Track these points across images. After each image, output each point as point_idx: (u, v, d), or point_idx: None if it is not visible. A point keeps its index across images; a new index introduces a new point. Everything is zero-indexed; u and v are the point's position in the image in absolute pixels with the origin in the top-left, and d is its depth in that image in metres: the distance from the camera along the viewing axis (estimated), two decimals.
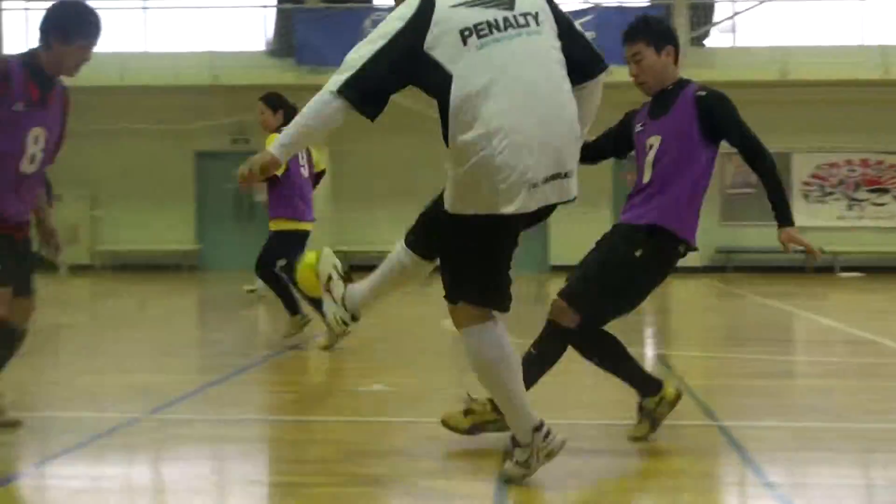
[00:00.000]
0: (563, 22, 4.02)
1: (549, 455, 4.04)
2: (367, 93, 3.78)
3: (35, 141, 4.76)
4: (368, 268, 4.66)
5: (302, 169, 9.02)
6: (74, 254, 22.96)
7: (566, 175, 3.88)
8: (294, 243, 8.95)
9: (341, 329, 4.58)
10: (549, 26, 3.95)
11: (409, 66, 3.78)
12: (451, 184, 3.85)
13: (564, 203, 3.96)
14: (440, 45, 3.76)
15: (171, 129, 22.65)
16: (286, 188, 8.94)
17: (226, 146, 23.15)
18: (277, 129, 8.51)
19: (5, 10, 23.00)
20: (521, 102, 3.77)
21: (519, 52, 3.83)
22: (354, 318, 4.51)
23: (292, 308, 8.66)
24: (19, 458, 4.79)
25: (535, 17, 3.92)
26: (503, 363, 3.98)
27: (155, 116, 22.50)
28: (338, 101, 3.75)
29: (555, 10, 4.02)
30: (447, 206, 3.89)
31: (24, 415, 5.36)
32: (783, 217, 4.70)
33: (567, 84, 3.94)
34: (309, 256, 4.72)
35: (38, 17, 4.85)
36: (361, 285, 4.49)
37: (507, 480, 4.07)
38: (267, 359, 8.19)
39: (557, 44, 3.95)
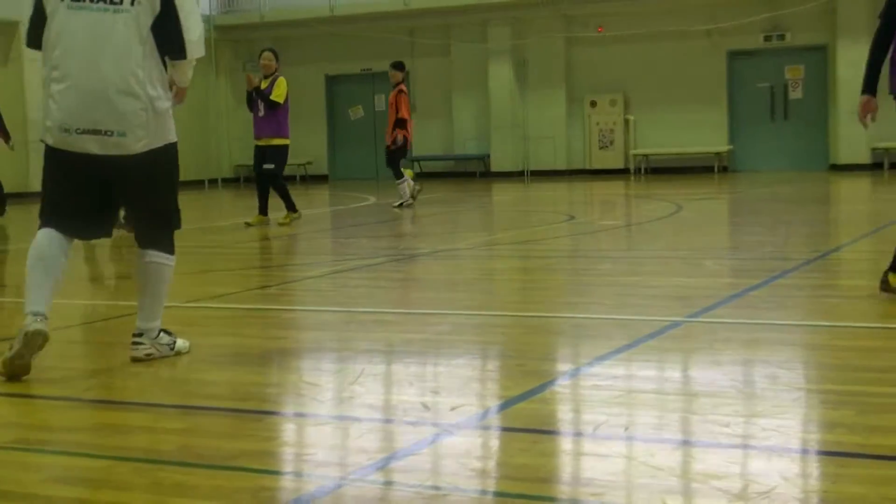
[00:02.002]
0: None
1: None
2: None
3: None
4: None
5: None
6: (609, 158, 23.64)
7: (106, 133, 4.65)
8: None
9: None
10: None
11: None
12: None
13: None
14: None
15: (703, 30, 22.35)
16: None
17: (759, 44, 22.45)
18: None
19: None
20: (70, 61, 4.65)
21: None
22: None
23: None
24: (572, 359, 4.95)
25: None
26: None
27: (686, 18, 22.31)
28: None
29: None
30: None
31: (572, 316, 5.53)
32: None
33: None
34: None
35: None
36: None
37: None
38: (809, 262, 7.84)
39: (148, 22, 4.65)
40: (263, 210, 12.78)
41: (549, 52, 23.76)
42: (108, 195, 4.86)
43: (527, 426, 3.63)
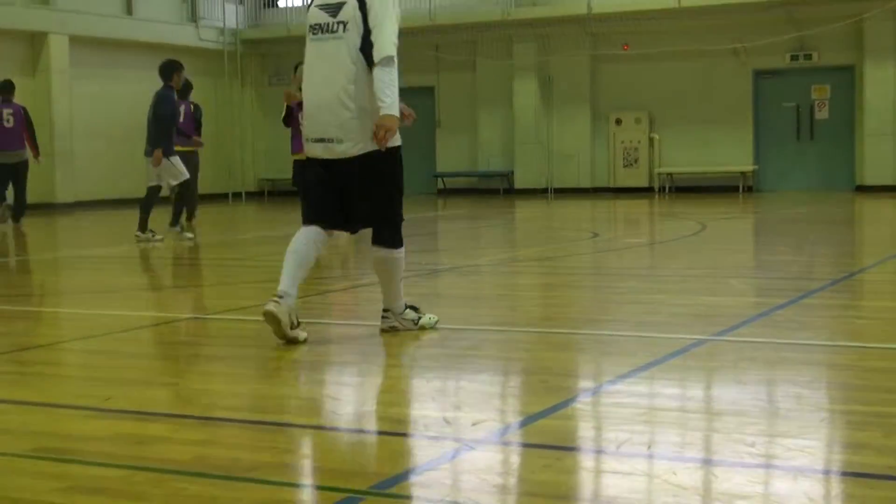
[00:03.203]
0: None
1: None
2: None
3: None
4: None
5: None
6: (633, 177, 23.57)
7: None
8: None
9: None
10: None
11: None
12: None
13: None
14: None
15: (729, 49, 22.29)
16: None
17: (785, 63, 22.38)
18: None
19: None
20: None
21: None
22: None
23: None
24: (595, 376, 4.91)
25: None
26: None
27: (712, 36, 22.26)
28: None
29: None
30: None
31: (595, 333, 5.49)
32: None
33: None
34: None
35: None
36: None
37: None
38: (835, 282, 7.77)
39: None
40: None
41: (574, 70, 23.74)
42: (341, 195, 5.52)
43: (549, 442, 3.59)
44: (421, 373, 4.91)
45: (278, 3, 26.74)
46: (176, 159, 12.94)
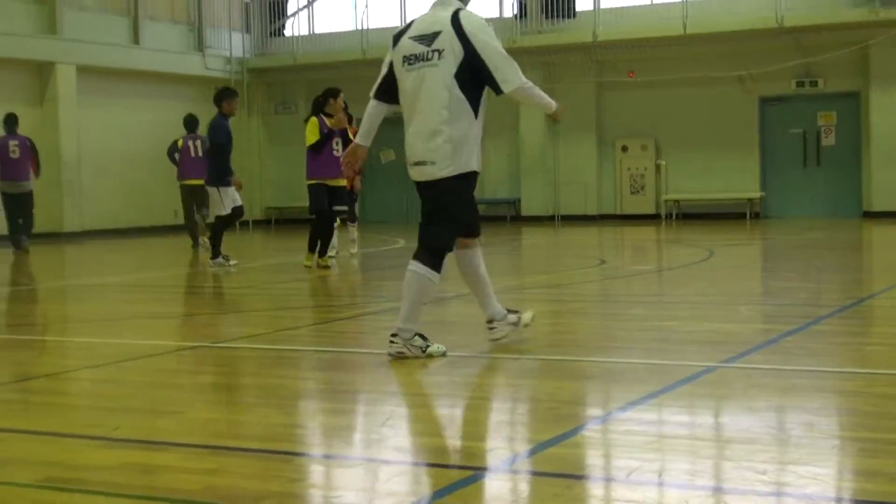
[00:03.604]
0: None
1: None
2: None
3: None
4: None
5: None
6: (639, 204, 23.57)
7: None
8: None
9: None
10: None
11: None
12: None
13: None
14: None
15: (735, 76, 22.32)
16: None
17: (791, 90, 22.40)
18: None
19: None
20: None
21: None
22: None
23: None
24: (604, 403, 4.89)
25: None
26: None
27: (718, 63, 22.31)
28: None
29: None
30: None
31: (604, 361, 5.47)
32: None
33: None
34: None
35: None
36: None
37: None
38: (844, 309, 7.74)
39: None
40: (323, 251, 12.35)
41: (580, 97, 23.78)
42: None
43: (558, 471, 3.57)
44: (429, 401, 4.89)
45: (285, 32, 26.86)
46: (225, 191, 12.93)
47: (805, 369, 5.30)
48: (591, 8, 23.26)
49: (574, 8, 23.75)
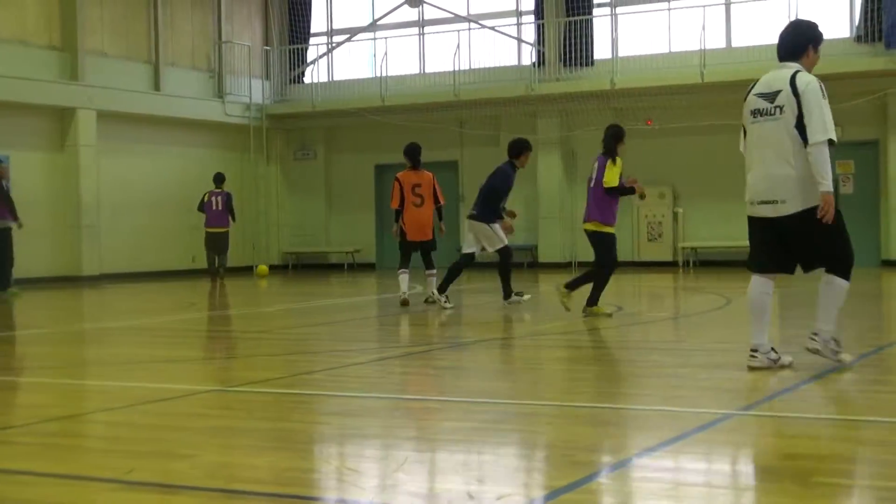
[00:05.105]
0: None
1: None
2: None
3: None
4: None
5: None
6: (657, 251, 23.53)
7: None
8: None
9: None
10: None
11: None
12: None
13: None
14: None
15: None
16: None
17: None
18: None
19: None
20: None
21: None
22: None
23: None
24: (620, 450, 4.86)
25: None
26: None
27: (736, 111, 22.31)
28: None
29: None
30: None
31: (620, 407, 5.43)
32: None
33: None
34: None
35: None
36: None
37: None
38: (863, 356, 7.68)
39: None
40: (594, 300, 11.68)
41: (597, 144, 23.73)
42: (785, 244, 6.81)
43: None
44: (445, 446, 4.86)
45: (304, 79, 27.07)
46: (496, 227, 13.48)
47: (823, 417, 5.26)
48: (609, 56, 23.39)
49: (592, 56, 23.88)
